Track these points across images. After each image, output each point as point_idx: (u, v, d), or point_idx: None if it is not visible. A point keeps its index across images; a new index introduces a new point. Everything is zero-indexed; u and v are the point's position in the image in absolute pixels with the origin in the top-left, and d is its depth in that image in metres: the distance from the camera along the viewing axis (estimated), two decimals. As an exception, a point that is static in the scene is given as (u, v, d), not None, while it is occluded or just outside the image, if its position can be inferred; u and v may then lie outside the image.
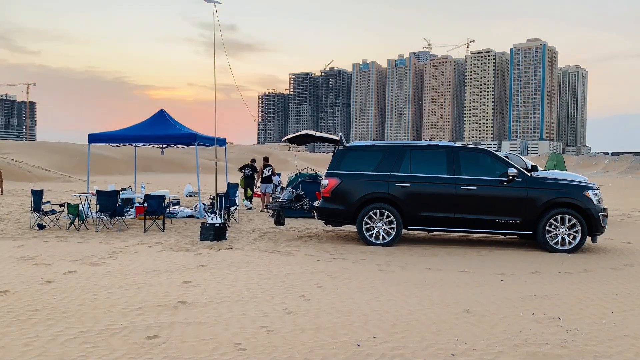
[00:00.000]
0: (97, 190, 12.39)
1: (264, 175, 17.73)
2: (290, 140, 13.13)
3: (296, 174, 17.21)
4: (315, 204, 10.88)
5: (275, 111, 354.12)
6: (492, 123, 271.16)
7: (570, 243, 9.68)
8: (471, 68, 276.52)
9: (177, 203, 16.94)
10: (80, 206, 12.51)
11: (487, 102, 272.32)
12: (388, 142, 11.34)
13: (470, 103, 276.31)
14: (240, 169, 19.12)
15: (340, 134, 11.98)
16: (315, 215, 10.95)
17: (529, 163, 14.17)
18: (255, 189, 19.04)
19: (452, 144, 10.79)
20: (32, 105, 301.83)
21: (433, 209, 10.08)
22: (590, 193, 9.80)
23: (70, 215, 12.19)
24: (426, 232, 10.83)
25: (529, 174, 10.15)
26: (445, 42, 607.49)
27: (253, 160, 19.89)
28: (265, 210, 16.19)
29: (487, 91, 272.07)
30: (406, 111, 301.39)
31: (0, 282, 6.77)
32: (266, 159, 18.68)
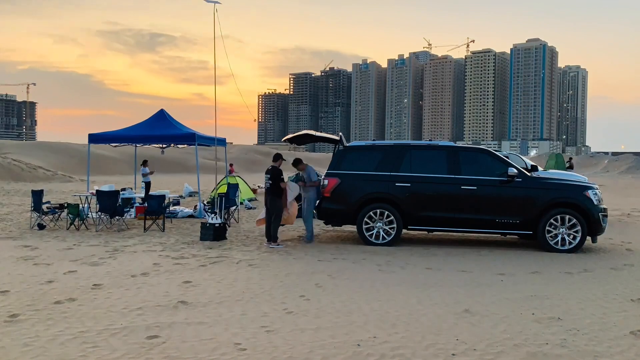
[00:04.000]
0: (97, 190, 12.39)
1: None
2: (291, 140, 13.10)
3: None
4: (315, 203, 10.87)
5: (275, 111, 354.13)
6: (492, 123, 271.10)
7: (570, 243, 9.67)
8: (471, 68, 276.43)
9: (177, 203, 16.94)
10: (81, 206, 12.51)
11: (487, 102, 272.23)
12: (388, 142, 11.33)
13: (470, 103, 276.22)
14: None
15: (340, 134, 11.96)
16: (315, 215, 10.95)
17: (529, 163, 14.17)
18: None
19: (452, 143, 10.79)
20: (32, 105, 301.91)
21: (433, 209, 10.08)
22: (590, 193, 9.79)
23: (70, 215, 12.19)
24: (426, 232, 10.83)
25: (529, 174, 10.15)
26: (445, 42, 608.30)
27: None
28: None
29: (487, 91, 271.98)
30: (406, 111, 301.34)
31: (0, 282, 6.77)
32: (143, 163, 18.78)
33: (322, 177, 10.81)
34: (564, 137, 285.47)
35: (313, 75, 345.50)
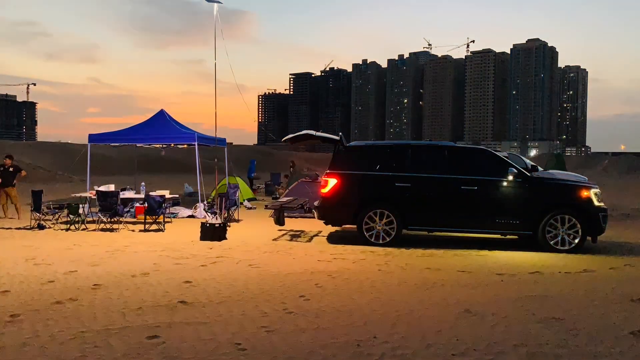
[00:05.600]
0: (97, 191, 12.39)
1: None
2: (291, 140, 13.09)
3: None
4: (315, 204, 10.88)
5: (275, 111, 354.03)
6: (492, 123, 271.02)
7: (570, 243, 9.67)
8: (471, 68, 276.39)
9: (177, 203, 16.92)
10: (81, 207, 12.52)
11: (487, 102, 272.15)
12: (388, 142, 11.34)
13: (470, 103, 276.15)
14: None
15: (340, 134, 11.95)
16: (315, 215, 10.94)
17: (529, 163, 14.17)
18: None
19: (452, 143, 10.79)
20: (32, 105, 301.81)
21: (433, 209, 10.08)
22: (590, 193, 9.79)
23: (70, 216, 12.20)
24: (426, 232, 10.83)
25: (529, 174, 10.14)
26: (445, 42, 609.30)
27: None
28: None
29: (487, 91, 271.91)
30: (406, 111, 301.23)
31: (1, 282, 6.77)
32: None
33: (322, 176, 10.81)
34: (564, 137, 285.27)
35: (313, 75, 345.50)
